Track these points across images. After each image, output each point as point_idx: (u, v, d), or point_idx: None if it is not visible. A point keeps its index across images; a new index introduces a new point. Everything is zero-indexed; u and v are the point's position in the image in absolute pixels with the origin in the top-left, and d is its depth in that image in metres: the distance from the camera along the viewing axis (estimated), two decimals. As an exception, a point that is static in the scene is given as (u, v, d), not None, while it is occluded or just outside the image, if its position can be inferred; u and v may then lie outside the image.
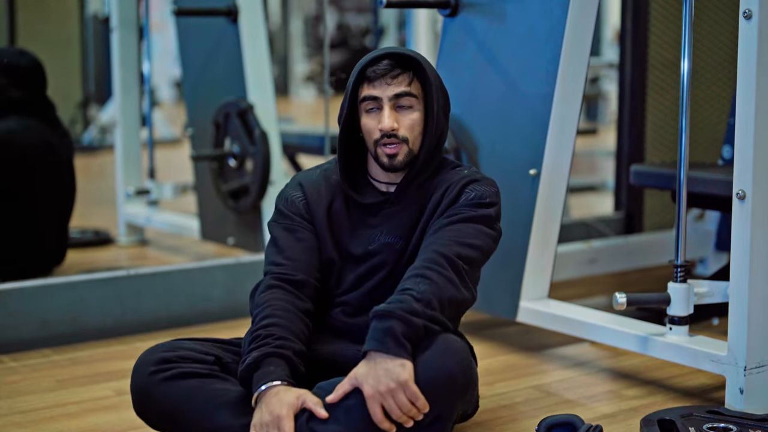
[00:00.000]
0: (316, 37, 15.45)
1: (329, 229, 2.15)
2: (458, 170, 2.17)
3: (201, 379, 1.97)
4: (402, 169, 2.11)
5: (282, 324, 1.99)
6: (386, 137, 2.07)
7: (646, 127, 4.10)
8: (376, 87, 2.07)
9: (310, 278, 2.11)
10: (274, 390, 1.88)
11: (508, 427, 2.30)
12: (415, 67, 2.09)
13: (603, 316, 2.72)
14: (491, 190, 2.13)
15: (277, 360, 1.94)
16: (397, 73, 2.07)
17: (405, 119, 2.08)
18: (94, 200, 5.95)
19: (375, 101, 2.08)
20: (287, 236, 2.14)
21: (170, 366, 1.98)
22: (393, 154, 2.08)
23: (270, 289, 2.07)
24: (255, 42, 3.73)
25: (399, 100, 2.07)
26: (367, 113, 2.10)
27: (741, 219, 2.28)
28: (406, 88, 2.07)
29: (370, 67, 2.08)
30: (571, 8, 2.66)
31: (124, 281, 3.18)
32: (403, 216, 2.13)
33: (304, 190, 2.18)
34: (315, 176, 2.20)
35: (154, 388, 1.97)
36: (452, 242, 2.02)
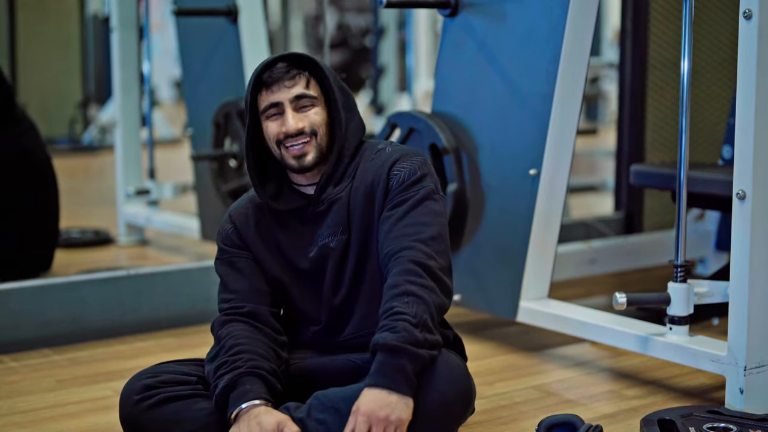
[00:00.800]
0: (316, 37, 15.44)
1: (267, 249, 2.13)
2: (378, 153, 2.11)
3: (186, 401, 1.99)
4: (314, 167, 2.07)
5: (248, 349, 2.00)
6: (290, 137, 2.04)
7: (646, 127, 4.10)
8: (275, 92, 2.04)
9: (259, 306, 2.09)
10: (255, 411, 1.88)
11: (508, 427, 2.30)
12: (311, 67, 2.08)
13: (603, 316, 2.72)
14: (417, 161, 2.08)
15: (252, 379, 1.94)
16: (293, 74, 2.05)
17: (309, 116, 2.06)
18: (94, 200, 5.96)
19: (277, 107, 2.05)
20: (229, 270, 2.13)
21: (154, 392, 1.99)
22: (300, 155, 2.05)
23: (225, 324, 2.07)
24: (255, 42, 3.73)
25: (300, 102, 2.05)
26: (270, 119, 2.06)
27: (741, 219, 2.28)
28: (304, 89, 2.05)
29: (265, 72, 2.05)
30: (571, 8, 2.66)
31: (124, 281, 3.18)
32: (334, 214, 2.09)
33: (232, 220, 2.16)
34: (243, 203, 2.18)
35: (141, 417, 1.98)
36: (416, 242, 1.97)
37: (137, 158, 4.60)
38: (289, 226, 2.12)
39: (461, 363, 2.00)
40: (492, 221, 2.90)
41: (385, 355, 1.84)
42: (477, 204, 2.93)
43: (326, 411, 1.89)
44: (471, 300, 3.00)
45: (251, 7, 3.72)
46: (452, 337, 2.19)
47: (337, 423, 1.87)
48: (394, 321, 1.87)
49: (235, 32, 3.73)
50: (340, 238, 2.08)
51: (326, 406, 1.90)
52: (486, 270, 2.94)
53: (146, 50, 4.62)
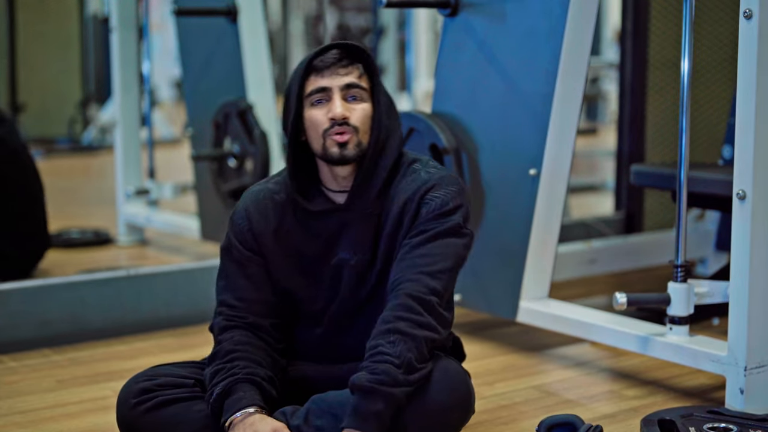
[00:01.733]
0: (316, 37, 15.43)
1: (282, 253, 2.07)
2: (414, 175, 2.03)
3: (183, 403, 1.98)
4: (352, 160, 1.98)
5: (245, 356, 1.98)
6: (337, 125, 1.96)
7: (646, 127, 4.10)
8: (325, 77, 1.97)
9: (263, 318, 2.06)
10: (249, 420, 1.87)
11: (508, 427, 2.30)
12: (365, 60, 2.01)
13: (603, 316, 2.72)
14: (453, 190, 2.01)
15: (247, 386, 1.92)
16: (346, 63, 1.98)
17: (355, 109, 1.98)
18: (94, 200, 5.96)
19: (324, 92, 1.97)
20: (237, 271, 2.07)
21: (151, 396, 1.98)
22: (344, 143, 1.96)
23: (226, 330, 2.04)
24: (255, 42, 3.73)
25: (349, 91, 1.98)
26: (314, 106, 1.98)
27: (741, 219, 2.28)
28: (356, 79, 1.98)
29: (317, 58, 1.98)
30: (571, 8, 2.65)
31: (124, 281, 3.18)
32: (361, 229, 2.03)
33: (248, 217, 2.07)
34: (261, 197, 2.09)
35: (138, 420, 1.97)
36: (422, 275, 1.92)
37: (137, 158, 4.59)
38: (310, 230, 2.06)
39: (460, 369, 1.98)
40: (492, 221, 2.90)
41: (361, 396, 1.82)
42: (477, 204, 2.92)
43: (324, 416, 1.88)
44: (471, 300, 3.00)
45: (251, 7, 3.72)
46: (451, 343, 2.19)
47: (335, 429, 1.87)
48: (375, 363, 1.84)
49: (235, 32, 3.73)
50: (361, 257, 2.03)
51: (324, 411, 1.89)
52: (486, 270, 2.94)
53: (146, 50, 4.62)
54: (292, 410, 1.93)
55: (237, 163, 3.79)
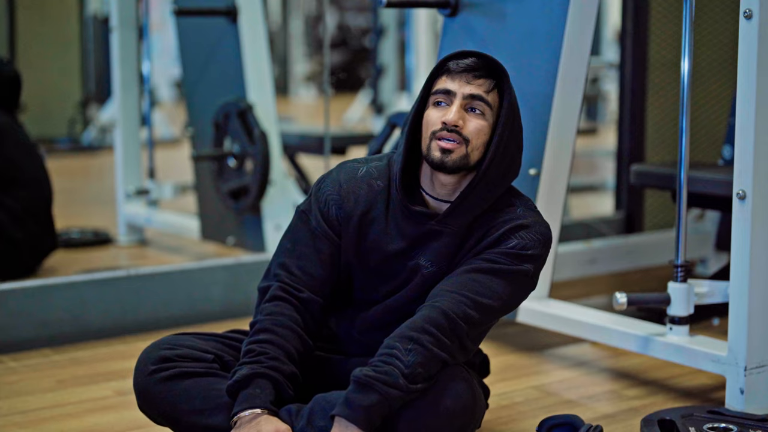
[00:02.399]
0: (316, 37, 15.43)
1: (361, 239, 2.02)
2: (511, 210, 2.00)
3: (200, 378, 1.96)
4: (452, 170, 1.94)
5: (277, 342, 1.96)
6: (446, 130, 1.92)
7: (646, 127, 4.10)
8: (454, 81, 1.94)
9: (317, 297, 2.02)
10: (255, 421, 1.86)
11: (508, 427, 2.30)
12: (499, 77, 1.97)
13: (603, 316, 2.72)
14: (538, 239, 1.96)
15: (264, 382, 1.91)
16: (480, 74, 1.94)
17: (472, 122, 1.93)
18: (94, 200, 5.95)
19: (447, 95, 1.94)
20: (308, 241, 2.03)
21: (170, 365, 1.97)
22: (447, 149, 1.91)
23: (275, 300, 2.00)
24: (255, 42, 3.73)
25: (472, 102, 1.93)
26: (435, 106, 1.95)
27: (741, 219, 2.28)
28: (484, 93, 1.94)
29: (453, 60, 1.96)
30: (571, 8, 2.65)
31: (124, 281, 3.17)
32: (446, 242, 1.99)
33: (341, 193, 2.03)
34: (358, 176, 2.04)
35: (153, 388, 1.96)
36: (467, 299, 1.90)
37: (137, 158, 4.59)
38: (397, 227, 2.02)
39: (466, 377, 1.94)
40: (492, 221, 2.90)
41: (356, 388, 1.81)
42: (477, 204, 2.92)
43: (326, 418, 1.88)
44: (471, 300, 3.00)
45: (251, 7, 3.72)
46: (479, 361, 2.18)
47: None
48: (383, 363, 1.83)
49: (235, 32, 3.72)
50: (438, 269, 2.00)
51: (326, 412, 1.88)
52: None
53: (146, 50, 4.62)
54: (297, 409, 1.93)
55: (237, 163, 3.79)
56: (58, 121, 8.88)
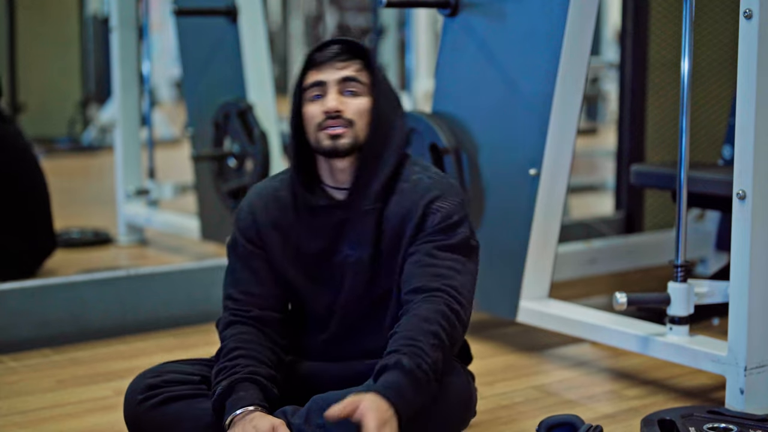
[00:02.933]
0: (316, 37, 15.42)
1: (285, 250, 2.07)
2: (416, 179, 2.03)
3: (188, 401, 1.98)
4: (345, 153, 1.99)
5: (247, 354, 1.98)
6: (330, 119, 1.97)
7: (646, 127, 4.10)
8: (323, 71, 1.98)
9: (268, 312, 2.06)
10: (249, 416, 1.87)
11: (508, 427, 2.30)
12: (365, 56, 2.02)
13: (603, 316, 2.72)
14: (455, 202, 2.01)
15: (248, 385, 1.93)
16: (345, 57, 1.99)
17: (351, 103, 1.98)
18: (94, 200, 5.96)
19: (320, 87, 1.98)
20: (241, 266, 2.08)
21: (157, 392, 1.98)
22: (337, 135, 1.97)
23: (231, 325, 2.05)
24: (255, 42, 3.73)
25: (346, 85, 1.98)
26: (312, 101, 2.00)
27: (741, 219, 2.28)
28: (354, 73, 1.99)
29: (318, 52, 2.01)
30: (571, 8, 2.65)
31: (124, 281, 3.18)
32: (361, 225, 2.02)
33: (253, 211, 2.09)
34: (265, 193, 2.10)
35: (144, 416, 1.98)
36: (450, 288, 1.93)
37: (137, 158, 4.59)
38: (311, 227, 2.06)
39: (461, 371, 1.99)
40: (492, 221, 2.90)
41: (403, 376, 1.80)
42: (477, 204, 2.92)
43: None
44: (471, 300, 3.00)
45: (251, 7, 3.72)
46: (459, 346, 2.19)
47: (337, 427, 1.86)
48: (419, 358, 1.82)
49: (235, 32, 3.73)
50: (361, 254, 2.03)
51: (325, 410, 1.89)
52: (486, 270, 2.93)
53: (146, 50, 4.62)
54: (293, 410, 1.93)
55: (237, 163, 3.79)
56: (58, 121, 8.88)
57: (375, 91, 2.01)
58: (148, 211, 4.52)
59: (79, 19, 9.10)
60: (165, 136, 9.20)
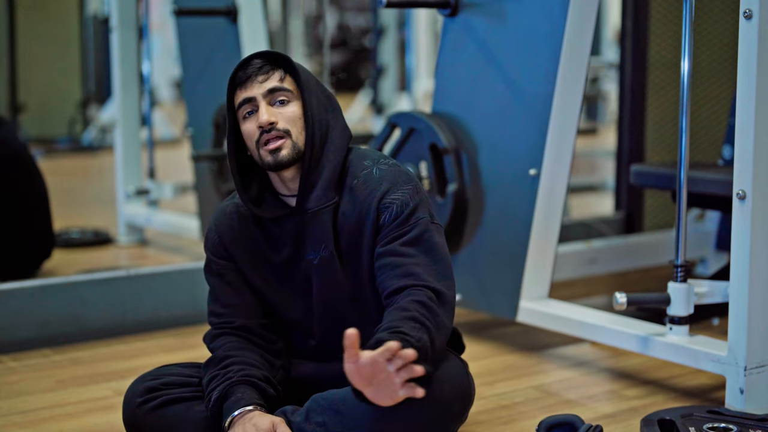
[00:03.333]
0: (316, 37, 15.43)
1: (252, 262, 2.08)
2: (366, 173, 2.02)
3: (187, 403, 1.99)
4: (289, 164, 1.99)
5: (239, 360, 2.00)
6: (265, 132, 1.97)
7: (646, 127, 4.10)
8: (248, 88, 1.99)
9: (250, 320, 2.08)
10: (249, 416, 1.88)
11: (508, 427, 2.30)
12: (285, 64, 2.02)
13: (603, 316, 2.72)
14: (408, 189, 2.00)
15: (243, 387, 1.94)
16: (267, 70, 2.00)
17: (283, 112, 1.99)
18: (94, 200, 5.96)
19: (251, 103, 1.99)
20: (218, 282, 2.12)
21: (156, 395, 2.00)
22: (276, 149, 1.97)
23: (217, 338, 2.08)
24: (255, 42, 3.73)
25: (274, 96, 1.99)
26: (246, 119, 2.00)
27: (741, 219, 2.28)
28: (278, 83, 1.99)
29: (239, 71, 2.01)
30: (571, 8, 2.65)
31: (124, 281, 3.17)
32: (319, 229, 2.02)
33: (217, 230, 2.12)
34: (228, 211, 2.12)
35: (143, 419, 1.99)
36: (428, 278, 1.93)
37: (137, 158, 4.59)
38: (273, 237, 2.07)
39: (459, 363, 2.00)
40: (492, 221, 2.90)
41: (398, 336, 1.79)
42: (477, 204, 2.93)
43: (325, 413, 1.89)
44: (471, 300, 3.00)
45: (251, 7, 3.72)
46: None
47: (337, 424, 1.87)
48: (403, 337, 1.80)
49: (235, 32, 3.72)
50: (323, 255, 2.03)
51: (324, 408, 1.89)
52: (486, 270, 2.94)
53: (146, 50, 4.62)
54: (293, 409, 1.93)
55: (237, 163, 3.79)
56: (58, 121, 8.88)
57: (303, 94, 2.01)
58: (148, 211, 4.52)
59: (79, 19, 9.09)
60: (165, 136, 9.20)
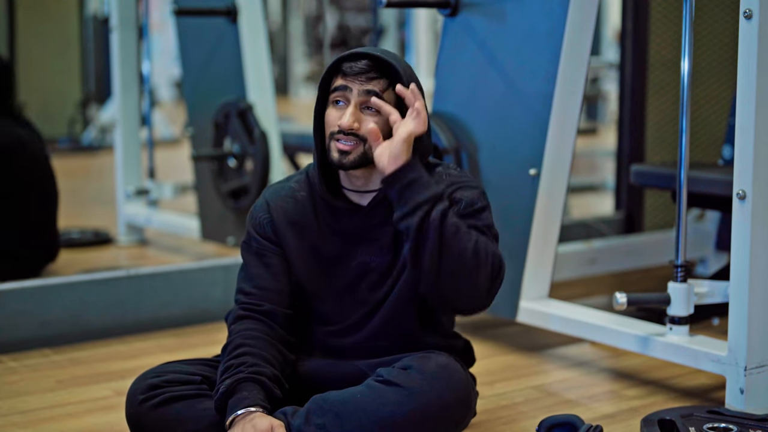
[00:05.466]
0: (316, 37, 15.43)
1: (300, 250, 2.07)
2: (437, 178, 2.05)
3: (190, 401, 1.99)
4: (351, 168, 2.00)
5: (254, 352, 1.99)
6: (342, 134, 1.97)
7: (646, 127, 4.10)
8: (349, 81, 1.98)
9: (278, 307, 2.06)
10: (250, 416, 1.88)
11: (508, 427, 2.30)
12: (393, 75, 2.00)
13: (603, 316, 2.72)
14: (478, 192, 2.05)
15: (251, 385, 1.93)
16: (373, 76, 1.98)
17: (369, 120, 1.98)
18: (94, 200, 5.96)
19: (344, 92, 1.98)
20: (256, 262, 2.09)
21: (158, 392, 1.99)
22: (344, 151, 1.97)
23: (240, 320, 2.06)
24: (255, 42, 3.73)
25: (368, 100, 1.98)
26: (334, 105, 2.00)
27: (741, 219, 2.28)
28: (379, 90, 1.98)
29: (347, 63, 1.99)
30: (571, 8, 2.65)
31: (124, 281, 3.17)
32: (381, 232, 2.04)
33: (270, 211, 2.10)
34: (283, 193, 2.11)
35: (145, 416, 1.98)
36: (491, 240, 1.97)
37: (137, 158, 4.60)
38: (330, 228, 2.07)
39: (460, 369, 2.00)
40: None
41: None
42: (477, 204, 2.92)
43: (325, 415, 1.89)
44: (471, 300, 2.99)
45: (251, 7, 3.72)
46: (462, 345, 2.20)
47: (337, 427, 1.87)
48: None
49: (235, 32, 3.73)
50: (382, 260, 2.04)
51: (324, 410, 1.89)
52: (486, 270, 2.94)
53: (146, 50, 4.62)
54: (293, 410, 1.93)
55: (237, 163, 3.79)
56: (58, 121, 8.88)
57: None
58: (148, 211, 4.52)
59: (79, 19, 9.10)
60: (165, 136, 9.20)
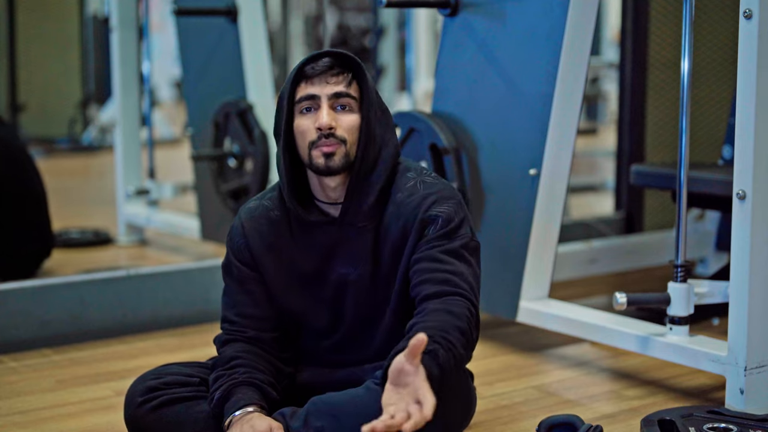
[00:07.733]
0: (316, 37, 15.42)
1: (280, 271, 2.05)
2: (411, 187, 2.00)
3: (188, 403, 1.99)
4: (339, 171, 1.96)
5: (246, 363, 1.99)
6: (323, 137, 1.93)
7: (646, 127, 4.10)
8: (315, 85, 1.95)
9: (263, 333, 2.06)
10: (248, 417, 1.88)
11: (508, 427, 2.30)
12: (355, 69, 1.98)
13: (603, 316, 2.72)
14: (453, 204, 1.99)
15: (246, 388, 1.94)
16: (337, 71, 1.96)
17: (343, 120, 1.95)
18: (94, 200, 5.96)
19: (312, 100, 1.95)
20: (237, 288, 2.08)
21: (157, 394, 1.99)
22: (330, 153, 1.93)
23: (227, 343, 2.06)
24: (255, 42, 3.73)
25: (338, 100, 1.95)
26: (303, 114, 1.96)
27: (741, 219, 2.28)
28: (345, 88, 1.95)
29: (308, 65, 1.96)
30: (571, 8, 2.65)
31: (124, 281, 3.18)
32: (357, 242, 2.01)
33: (245, 234, 2.07)
34: (257, 213, 2.08)
35: (144, 418, 1.99)
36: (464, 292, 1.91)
37: (137, 158, 4.60)
38: (305, 244, 2.05)
39: (463, 375, 2.00)
40: (492, 221, 2.90)
41: (437, 371, 1.75)
42: (477, 204, 2.92)
43: (324, 417, 1.88)
44: (471, 300, 3.00)
45: (251, 7, 3.72)
46: None
47: (336, 429, 1.86)
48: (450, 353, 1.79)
49: (235, 32, 3.73)
50: (361, 271, 2.02)
51: (323, 413, 1.88)
52: (486, 270, 2.93)
53: (146, 50, 4.62)
54: (291, 412, 1.93)
55: (237, 163, 3.79)
56: (58, 121, 8.88)
57: (366, 106, 1.98)
58: (148, 211, 4.52)
59: (79, 19, 9.10)
60: (165, 136, 9.20)
